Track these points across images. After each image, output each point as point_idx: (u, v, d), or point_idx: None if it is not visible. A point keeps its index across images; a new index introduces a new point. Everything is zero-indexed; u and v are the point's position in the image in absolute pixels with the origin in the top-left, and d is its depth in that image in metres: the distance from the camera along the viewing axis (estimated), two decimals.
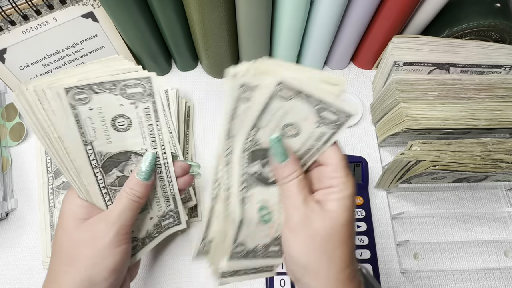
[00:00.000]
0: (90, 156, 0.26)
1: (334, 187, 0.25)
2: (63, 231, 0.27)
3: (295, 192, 0.25)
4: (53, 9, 0.41)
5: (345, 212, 0.25)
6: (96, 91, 0.24)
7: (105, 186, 0.28)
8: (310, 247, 0.24)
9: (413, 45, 0.44)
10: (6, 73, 0.43)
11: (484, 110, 0.41)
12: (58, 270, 0.27)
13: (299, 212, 0.25)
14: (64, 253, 0.27)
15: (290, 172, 0.26)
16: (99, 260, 0.26)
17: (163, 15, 0.43)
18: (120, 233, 0.27)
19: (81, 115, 0.25)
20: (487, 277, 0.43)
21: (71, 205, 0.28)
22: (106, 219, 0.27)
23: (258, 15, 0.41)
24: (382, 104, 0.47)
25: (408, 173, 0.39)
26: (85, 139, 0.26)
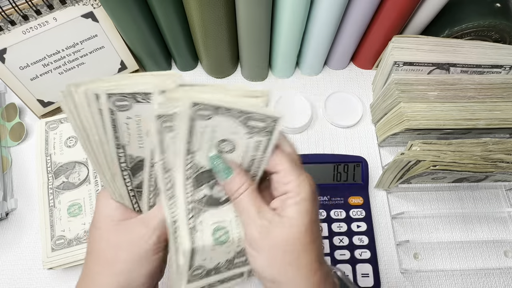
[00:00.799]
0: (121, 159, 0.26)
1: (289, 192, 0.24)
2: (101, 232, 0.27)
3: (248, 205, 0.25)
4: (53, 9, 0.41)
5: (303, 217, 0.24)
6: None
7: (132, 188, 0.28)
8: (273, 259, 0.24)
9: (413, 45, 0.44)
10: (6, 73, 0.43)
11: (484, 110, 0.41)
12: (94, 272, 0.26)
13: (255, 225, 0.24)
14: (102, 255, 0.26)
15: (238, 186, 0.25)
16: (137, 266, 0.26)
17: (163, 15, 0.43)
18: (160, 240, 0.26)
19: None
20: (487, 277, 0.43)
21: (108, 207, 0.27)
22: (147, 224, 0.26)
23: (258, 15, 0.41)
24: (382, 104, 0.47)
25: (408, 173, 0.39)
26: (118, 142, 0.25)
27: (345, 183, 0.46)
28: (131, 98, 0.24)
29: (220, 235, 0.27)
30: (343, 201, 0.45)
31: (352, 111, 0.52)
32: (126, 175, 0.27)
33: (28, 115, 0.52)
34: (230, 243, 0.27)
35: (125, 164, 0.26)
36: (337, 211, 0.45)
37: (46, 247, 0.40)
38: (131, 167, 0.27)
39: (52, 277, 0.42)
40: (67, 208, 0.42)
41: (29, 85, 0.46)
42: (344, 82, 0.55)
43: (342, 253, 0.43)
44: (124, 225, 0.27)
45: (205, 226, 0.27)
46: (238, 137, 0.25)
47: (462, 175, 0.39)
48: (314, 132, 0.51)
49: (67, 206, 0.42)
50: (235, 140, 0.25)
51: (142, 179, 0.28)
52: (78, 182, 0.43)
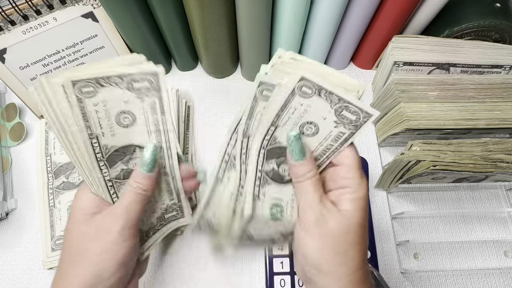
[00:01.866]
0: (96, 149, 0.26)
1: (348, 188, 0.25)
2: (73, 225, 0.27)
3: (311, 191, 0.25)
4: (53, 9, 0.41)
5: (358, 213, 0.25)
6: (102, 84, 0.24)
7: (110, 179, 0.28)
8: (324, 247, 0.24)
9: (413, 45, 0.44)
10: (6, 73, 0.43)
11: (484, 110, 0.41)
12: (67, 265, 0.27)
13: (314, 211, 0.25)
14: (73, 248, 0.27)
15: (306, 171, 0.26)
16: (107, 255, 0.26)
17: (163, 15, 0.43)
18: (127, 227, 0.27)
19: (87, 108, 0.25)
20: (487, 277, 0.43)
21: (82, 200, 0.28)
22: (114, 213, 0.27)
23: (258, 15, 0.41)
24: (382, 104, 0.47)
25: (408, 173, 0.39)
26: (90, 132, 0.26)
27: None
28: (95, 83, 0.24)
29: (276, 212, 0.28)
30: None
31: None
32: (103, 165, 0.27)
33: (28, 115, 0.52)
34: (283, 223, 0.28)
35: (100, 155, 0.27)
36: None
37: (46, 247, 0.40)
38: (107, 158, 0.27)
39: (52, 277, 0.42)
40: (67, 208, 0.42)
41: (29, 85, 0.46)
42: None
43: None
44: (95, 217, 0.27)
45: (267, 198, 0.27)
46: (325, 123, 0.25)
47: (462, 175, 0.39)
48: None
49: (67, 206, 0.42)
50: (321, 126, 0.25)
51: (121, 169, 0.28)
52: (78, 182, 0.43)
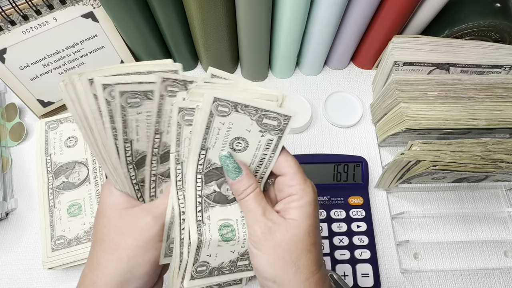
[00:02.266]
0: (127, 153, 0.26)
1: (293, 195, 0.26)
2: (107, 219, 0.27)
3: (254, 205, 0.26)
4: (53, 9, 0.41)
5: (306, 219, 0.25)
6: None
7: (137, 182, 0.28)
8: (275, 259, 0.24)
9: (413, 45, 0.44)
10: (6, 73, 0.43)
11: (484, 110, 0.41)
12: (100, 258, 0.26)
13: (259, 225, 0.25)
14: (108, 242, 0.26)
15: (246, 187, 0.26)
16: (142, 252, 0.26)
17: (163, 15, 0.43)
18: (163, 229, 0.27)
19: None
20: (487, 277, 0.43)
21: (112, 196, 0.28)
22: (152, 212, 0.27)
23: (258, 15, 0.41)
24: (382, 104, 0.47)
25: (408, 173, 0.39)
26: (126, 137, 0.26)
27: (345, 183, 0.46)
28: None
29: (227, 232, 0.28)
30: (343, 201, 0.45)
31: (352, 111, 0.52)
32: (131, 168, 0.27)
33: (28, 115, 0.52)
34: (236, 241, 0.28)
35: (131, 158, 0.27)
36: (337, 211, 0.45)
37: (46, 247, 0.40)
38: (136, 162, 0.27)
39: (52, 277, 0.42)
40: (67, 208, 0.42)
41: (29, 85, 0.46)
42: (344, 82, 0.55)
43: (342, 253, 0.43)
44: (129, 212, 0.27)
45: (213, 221, 0.27)
46: (251, 135, 0.25)
47: (462, 175, 0.39)
48: (314, 132, 0.51)
49: (67, 206, 0.42)
50: (248, 139, 0.26)
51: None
52: (78, 182, 0.43)
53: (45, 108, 0.49)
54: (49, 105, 0.49)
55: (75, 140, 0.45)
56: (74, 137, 0.45)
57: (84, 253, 0.39)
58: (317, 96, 0.54)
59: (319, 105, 0.53)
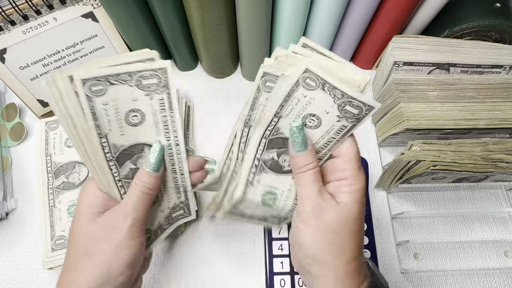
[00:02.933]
0: (105, 149, 0.26)
1: (346, 180, 0.26)
2: (80, 224, 0.27)
3: (310, 182, 0.26)
4: (53, 9, 0.41)
5: (355, 205, 0.25)
6: (112, 82, 0.24)
7: (120, 179, 0.28)
8: (321, 238, 0.25)
9: (413, 45, 0.44)
10: (6, 73, 0.43)
11: (484, 110, 0.41)
12: (76, 264, 0.27)
13: (312, 203, 0.25)
14: (82, 247, 0.27)
15: (307, 163, 0.26)
16: (116, 254, 0.26)
17: (163, 15, 0.43)
18: (134, 226, 0.27)
19: (96, 107, 0.24)
20: (487, 277, 0.43)
21: (89, 197, 0.28)
22: (120, 212, 0.27)
23: (258, 15, 0.41)
24: (382, 104, 0.47)
25: (408, 173, 0.39)
26: (100, 131, 0.25)
27: None
28: (105, 81, 0.24)
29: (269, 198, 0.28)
30: None
31: None
32: (113, 165, 0.27)
33: (28, 115, 0.52)
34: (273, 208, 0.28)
35: (110, 154, 0.27)
36: None
37: (46, 247, 0.40)
38: (117, 157, 0.27)
39: (52, 277, 0.42)
40: (67, 208, 0.42)
41: (29, 85, 0.46)
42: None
43: None
44: (101, 217, 0.27)
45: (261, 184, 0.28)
46: (327, 116, 0.25)
47: (462, 175, 0.39)
48: None
49: (67, 206, 0.42)
50: (323, 119, 0.25)
51: (129, 169, 0.28)
52: (78, 182, 0.43)
53: (45, 108, 0.49)
54: (49, 105, 0.49)
55: None
56: None
57: None
58: None
59: None
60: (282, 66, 0.24)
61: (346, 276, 0.24)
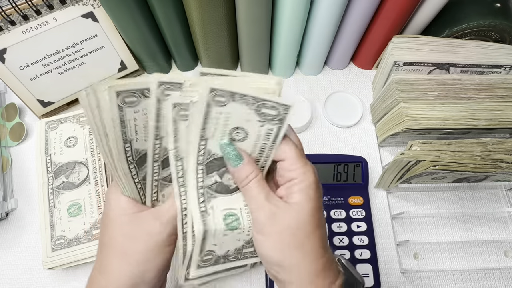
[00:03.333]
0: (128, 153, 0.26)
1: (294, 179, 0.25)
2: (115, 225, 0.27)
3: (256, 191, 0.26)
4: (53, 9, 0.41)
5: (308, 202, 0.25)
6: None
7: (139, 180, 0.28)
8: (280, 244, 0.25)
9: (413, 45, 0.44)
10: (6, 73, 0.43)
11: (484, 110, 0.41)
12: (110, 263, 0.26)
13: (263, 211, 0.25)
14: (117, 247, 0.27)
15: (247, 173, 0.26)
16: (152, 256, 0.26)
17: (163, 15, 0.43)
18: (172, 233, 0.27)
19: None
20: (487, 277, 0.43)
21: (119, 201, 0.28)
22: (160, 218, 0.27)
23: (258, 15, 0.41)
24: (382, 104, 0.47)
25: (408, 173, 0.39)
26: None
27: (345, 183, 0.46)
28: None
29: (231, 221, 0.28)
30: (343, 201, 0.45)
31: (352, 111, 0.52)
32: (133, 168, 0.27)
33: (28, 115, 0.52)
34: (241, 230, 0.28)
35: (131, 158, 0.27)
36: (337, 211, 0.45)
37: (46, 247, 0.40)
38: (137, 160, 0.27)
39: (52, 277, 0.42)
40: (67, 208, 0.42)
41: (29, 85, 0.46)
42: (344, 82, 0.55)
43: (342, 253, 0.43)
44: (137, 217, 0.27)
45: (216, 211, 0.27)
46: (250, 125, 0.25)
47: (462, 175, 0.39)
48: (314, 132, 0.51)
49: (67, 206, 0.42)
50: (248, 128, 0.25)
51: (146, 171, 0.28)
52: (78, 182, 0.43)
53: (45, 108, 0.49)
54: (49, 105, 0.49)
55: (75, 140, 0.45)
56: (74, 137, 0.45)
57: (84, 253, 0.39)
58: (317, 96, 0.54)
59: (319, 105, 0.53)
60: (189, 94, 0.24)
61: (316, 275, 0.24)
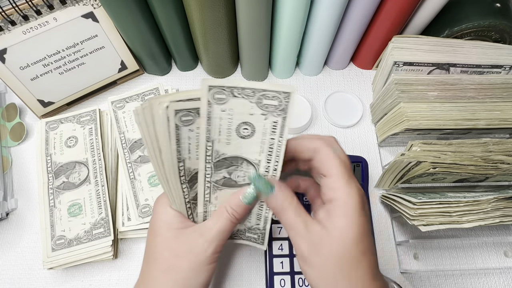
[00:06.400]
0: (208, 156, 0.27)
1: (337, 200, 0.24)
2: (161, 239, 0.27)
3: (294, 220, 0.25)
4: (53, 9, 0.41)
5: (352, 228, 0.23)
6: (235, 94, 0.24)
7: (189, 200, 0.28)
8: (325, 276, 0.23)
9: (413, 45, 0.44)
10: (6, 73, 0.43)
11: (484, 110, 0.41)
12: (156, 277, 0.27)
13: (303, 241, 0.24)
14: (164, 262, 0.27)
15: (281, 200, 0.25)
16: (195, 274, 0.26)
17: (163, 15, 0.43)
18: (215, 251, 0.27)
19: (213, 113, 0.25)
20: (487, 277, 0.43)
21: (167, 214, 0.28)
22: (205, 235, 0.27)
23: (258, 15, 0.41)
24: (382, 104, 0.47)
25: (408, 174, 0.39)
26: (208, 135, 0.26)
27: None
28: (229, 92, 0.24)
29: None
30: None
31: (352, 111, 0.52)
32: (185, 187, 0.27)
33: (28, 115, 0.52)
34: None
35: (184, 178, 0.27)
36: None
37: (46, 247, 0.40)
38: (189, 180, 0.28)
39: (52, 277, 0.42)
40: (67, 208, 0.42)
41: (29, 85, 0.46)
42: (344, 82, 0.55)
43: None
44: (183, 233, 0.27)
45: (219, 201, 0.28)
46: (255, 118, 0.25)
47: (463, 176, 0.39)
48: (314, 132, 0.51)
49: (67, 206, 0.42)
50: (254, 123, 0.25)
51: (224, 176, 0.29)
52: (78, 182, 0.43)
53: (45, 108, 0.49)
54: (49, 105, 0.49)
55: (75, 140, 0.45)
56: (74, 137, 0.46)
57: (85, 253, 0.39)
58: (317, 96, 0.54)
59: (319, 105, 0.53)
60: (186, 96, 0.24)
61: None
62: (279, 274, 0.41)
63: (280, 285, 0.40)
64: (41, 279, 0.42)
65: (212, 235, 0.27)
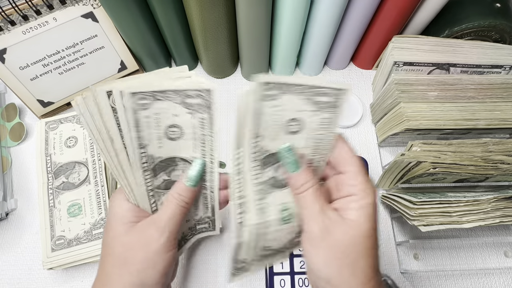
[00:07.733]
0: (143, 159, 0.27)
1: (354, 195, 0.25)
2: (114, 234, 0.27)
3: (311, 202, 0.25)
4: (53, 9, 0.41)
5: (366, 222, 0.24)
6: (158, 98, 0.24)
7: (152, 189, 0.28)
8: (331, 260, 0.24)
9: (413, 45, 0.44)
10: (6, 73, 0.43)
11: (484, 110, 0.41)
12: (111, 273, 0.27)
13: (316, 223, 0.24)
14: (117, 256, 0.27)
15: (304, 182, 0.25)
16: (151, 264, 0.27)
17: (163, 15, 0.43)
18: (170, 239, 0.27)
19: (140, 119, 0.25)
20: (487, 277, 0.43)
21: (120, 209, 0.28)
22: (157, 224, 0.27)
23: (258, 15, 0.41)
24: (382, 104, 0.47)
25: (408, 174, 0.39)
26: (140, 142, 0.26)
27: None
28: (151, 96, 0.24)
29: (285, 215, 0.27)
30: None
31: (352, 111, 0.52)
32: (148, 175, 0.27)
33: (28, 115, 0.52)
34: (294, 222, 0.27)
35: (147, 164, 0.27)
36: None
37: (46, 247, 0.40)
38: (152, 168, 0.27)
39: (52, 277, 0.42)
40: (67, 208, 0.42)
41: (29, 85, 0.46)
42: (344, 82, 0.55)
43: None
44: (135, 227, 0.27)
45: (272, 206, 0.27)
46: (305, 115, 0.24)
47: (463, 176, 0.39)
48: None
49: (67, 206, 0.42)
50: (302, 119, 0.25)
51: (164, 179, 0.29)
52: (78, 182, 0.43)
53: (45, 108, 0.49)
54: (49, 105, 0.49)
55: (75, 140, 0.45)
56: (74, 137, 0.45)
57: (84, 253, 0.39)
58: None
59: None
60: None
61: None
62: (279, 274, 0.41)
63: (280, 285, 0.40)
64: (40, 279, 0.42)
65: (164, 223, 0.27)
